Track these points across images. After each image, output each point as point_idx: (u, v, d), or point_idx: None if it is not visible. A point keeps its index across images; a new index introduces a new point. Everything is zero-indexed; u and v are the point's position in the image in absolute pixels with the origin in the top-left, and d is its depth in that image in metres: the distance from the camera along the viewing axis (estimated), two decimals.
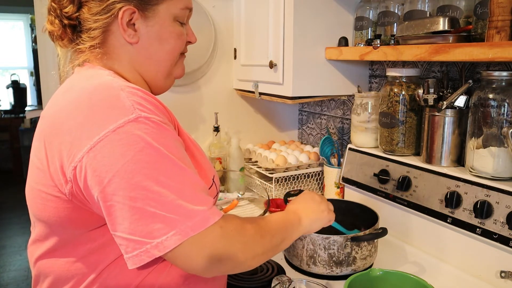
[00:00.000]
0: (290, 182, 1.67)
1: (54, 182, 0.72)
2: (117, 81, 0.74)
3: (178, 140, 0.73)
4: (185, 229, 0.66)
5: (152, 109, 0.71)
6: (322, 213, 0.96)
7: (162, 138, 0.69)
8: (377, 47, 1.25)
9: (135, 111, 0.68)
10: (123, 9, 0.78)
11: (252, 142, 1.94)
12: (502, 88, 1.03)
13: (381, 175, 1.33)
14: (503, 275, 1.01)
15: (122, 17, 0.79)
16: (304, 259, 1.08)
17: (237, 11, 1.76)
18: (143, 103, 0.71)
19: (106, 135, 0.66)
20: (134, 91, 0.72)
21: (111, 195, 0.66)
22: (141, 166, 0.65)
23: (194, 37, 0.92)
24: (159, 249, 0.65)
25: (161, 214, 0.65)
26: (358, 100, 1.46)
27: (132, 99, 0.70)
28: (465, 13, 1.12)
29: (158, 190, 0.65)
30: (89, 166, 0.67)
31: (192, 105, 1.80)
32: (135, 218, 0.65)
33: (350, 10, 1.48)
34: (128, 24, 0.80)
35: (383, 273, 0.94)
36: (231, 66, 1.83)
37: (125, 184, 0.65)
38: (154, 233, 0.65)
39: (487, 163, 1.06)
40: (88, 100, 0.71)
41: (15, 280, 3.12)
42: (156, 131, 0.68)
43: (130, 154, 0.65)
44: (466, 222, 1.09)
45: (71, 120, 0.71)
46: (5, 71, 6.14)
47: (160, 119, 0.71)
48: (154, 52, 0.84)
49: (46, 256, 0.80)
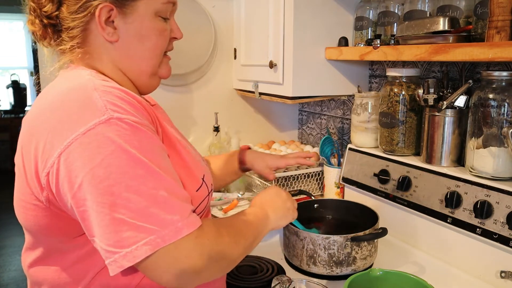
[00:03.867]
0: (290, 182, 1.67)
1: (31, 189, 0.70)
2: (93, 81, 0.71)
3: (155, 143, 0.69)
4: (155, 239, 0.62)
5: (127, 109, 0.67)
6: (288, 211, 0.96)
7: (135, 140, 0.65)
8: (377, 47, 1.25)
9: (107, 112, 0.65)
10: (100, 6, 0.74)
11: (252, 142, 1.93)
12: (502, 88, 1.03)
13: (381, 175, 1.33)
14: (503, 275, 1.01)
15: (100, 15, 0.75)
16: (304, 259, 1.08)
17: (237, 11, 1.76)
18: (118, 103, 0.67)
19: (76, 138, 0.63)
20: (109, 90, 0.69)
21: (82, 200, 0.63)
22: (110, 170, 0.62)
23: (180, 33, 0.86)
24: (128, 259, 0.62)
25: (131, 222, 0.62)
26: (358, 100, 1.45)
27: (105, 99, 0.67)
28: (465, 13, 1.12)
29: (128, 196, 0.62)
30: (60, 171, 0.64)
31: (192, 105, 1.80)
32: (103, 225, 0.62)
33: (350, 10, 1.48)
34: (107, 22, 0.76)
35: (383, 273, 0.94)
36: (231, 66, 1.83)
37: (92, 189, 0.62)
38: (124, 241, 0.62)
39: (487, 163, 1.06)
40: (60, 103, 0.69)
41: (15, 280, 3.12)
42: (130, 133, 0.65)
43: (100, 158, 0.62)
44: (466, 222, 1.09)
45: (44, 124, 0.68)
46: (5, 71, 6.14)
47: (136, 119, 0.67)
48: (135, 51, 0.79)
49: (37, 264, 0.79)
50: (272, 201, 0.95)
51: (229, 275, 1.10)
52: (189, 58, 1.72)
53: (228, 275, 1.10)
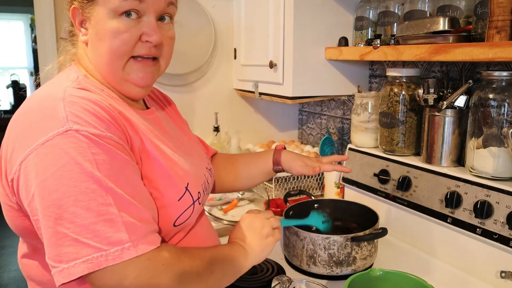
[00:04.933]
0: (290, 182, 1.67)
1: (5, 191, 0.71)
2: (66, 90, 0.69)
3: (115, 157, 0.66)
4: (97, 258, 0.60)
5: (89, 121, 0.65)
6: (266, 239, 0.86)
7: (92, 153, 0.63)
8: (377, 47, 1.24)
9: (66, 123, 0.64)
10: (72, 7, 0.76)
11: (252, 142, 1.93)
12: (502, 88, 1.03)
13: (381, 175, 1.33)
14: (503, 275, 1.01)
15: (73, 16, 0.76)
16: (304, 259, 1.08)
17: (237, 11, 1.76)
18: (81, 114, 0.65)
19: (36, 148, 0.63)
20: (76, 101, 0.67)
21: (35, 209, 0.63)
22: (61, 183, 0.61)
23: (154, 36, 0.75)
24: (63, 276, 0.60)
25: (74, 237, 0.60)
26: (358, 100, 1.45)
27: (69, 110, 0.65)
28: (465, 13, 1.12)
29: (75, 211, 0.61)
30: (20, 179, 0.65)
31: (192, 105, 1.80)
32: (47, 237, 0.62)
33: (350, 10, 1.48)
34: (82, 23, 0.77)
35: (383, 273, 0.94)
36: (231, 66, 1.83)
37: (41, 200, 0.62)
38: (63, 256, 0.60)
39: (487, 163, 1.06)
40: (29, 111, 0.69)
41: (15, 280, 3.12)
42: (86, 146, 0.63)
43: (52, 170, 0.62)
44: (466, 222, 1.09)
45: (16, 129, 0.69)
46: (5, 71, 6.15)
47: (97, 132, 0.65)
48: (98, 54, 0.76)
49: (25, 257, 0.80)
50: (247, 237, 0.85)
51: None
52: (189, 58, 1.72)
53: None
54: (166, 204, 0.75)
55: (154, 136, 0.79)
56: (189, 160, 0.84)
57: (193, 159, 0.88)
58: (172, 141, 0.84)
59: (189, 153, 0.88)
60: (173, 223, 0.77)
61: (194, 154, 0.92)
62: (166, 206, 0.75)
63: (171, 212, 0.76)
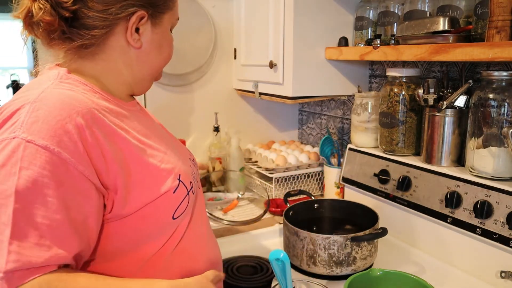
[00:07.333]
0: (290, 182, 1.67)
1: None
2: (42, 94, 0.68)
3: (54, 171, 0.63)
4: None
5: (42, 131, 0.64)
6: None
7: (27, 164, 0.62)
8: (377, 47, 1.25)
9: (19, 129, 0.63)
10: (138, 13, 0.76)
11: (252, 142, 1.94)
12: (502, 88, 1.03)
13: (381, 175, 1.33)
14: (503, 275, 1.01)
15: (134, 21, 0.77)
16: (304, 259, 1.08)
17: (237, 11, 1.76)
18: (38, 122, 0.64)
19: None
20: (39, 106, 0.66)
21: None
22: None
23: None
24: None
25: None
26: (358, 100, 1.46)
27: (29, 115, 0.65)
28: (465, 13, 1.12)
29: None
30: None
31: (192, 105, 1.80)
32: None
33: (350, 10, 1.48)
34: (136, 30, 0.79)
35: (383, 273, 0.94)
36: (231, 66, 1.83)
37: None
38: None
39: (487, 163, 1.06)
40: (6, 109, 0.69)
41: None
42: (22, 155, 0.62)
43: None
44: (466, 222, 1.09)
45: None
46: (5, 71, 6.15)
47: (45, 143, 0.63)
48: (152, 58, 0.83)
49: None
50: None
51: (229, 275, 1.10)
52: (189, 58, 1.72)
53: (228, 275, 1.10)
54: (163, 199, 0.76)
55: (139, 131, 0.79)
56: (175, 152, 0.85)
57: (178, 151, 0.88)
58: (156, 133, 0.85)
59: (172, 145, 0.88)
60: (171, 216, 0.77)
61: (177, 146, 0.91)
62: (163, 200, 0.76)
63: (169, 205, 0.77)
